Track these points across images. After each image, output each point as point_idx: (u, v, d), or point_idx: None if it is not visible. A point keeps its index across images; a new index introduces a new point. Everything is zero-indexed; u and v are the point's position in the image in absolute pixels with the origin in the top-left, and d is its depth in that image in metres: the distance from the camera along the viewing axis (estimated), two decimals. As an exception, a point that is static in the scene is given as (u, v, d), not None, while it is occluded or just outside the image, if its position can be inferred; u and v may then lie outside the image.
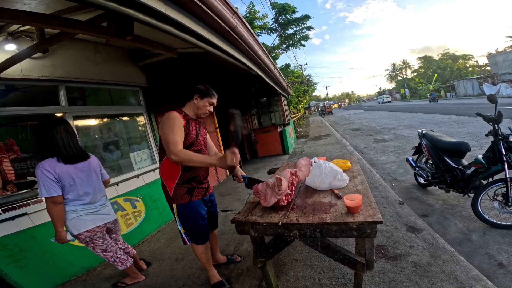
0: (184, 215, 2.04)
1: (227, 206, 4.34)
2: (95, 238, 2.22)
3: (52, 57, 2.88)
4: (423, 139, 3.69)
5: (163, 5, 1.76)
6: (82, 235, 2.15)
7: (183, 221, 2.06)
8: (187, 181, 2.00)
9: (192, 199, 2.02)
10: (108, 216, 2.35)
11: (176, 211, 2.04)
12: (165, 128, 1.83)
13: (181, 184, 1.98)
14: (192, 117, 2.05)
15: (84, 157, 2.20)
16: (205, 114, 2.08)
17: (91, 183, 2.19)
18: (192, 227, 2.08)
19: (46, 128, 2.03)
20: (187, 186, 2.00)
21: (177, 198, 2.00)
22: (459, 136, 7.16)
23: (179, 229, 2.10)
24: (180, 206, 2.01)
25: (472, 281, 1.83)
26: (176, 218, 2.07)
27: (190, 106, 2.05)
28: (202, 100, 2.01)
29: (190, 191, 2.02)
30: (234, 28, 2.68)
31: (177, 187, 1.98)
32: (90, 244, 2.23)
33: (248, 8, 13.65)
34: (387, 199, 3.48)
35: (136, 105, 4.18)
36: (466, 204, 3.14)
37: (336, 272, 2.16)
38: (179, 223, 2.08)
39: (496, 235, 2.54)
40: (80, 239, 2.19)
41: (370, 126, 13.94)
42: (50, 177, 1.94)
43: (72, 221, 2.11)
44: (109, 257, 2.31)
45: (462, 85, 30.73)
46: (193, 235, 2.11)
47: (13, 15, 1.67)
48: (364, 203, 1.59)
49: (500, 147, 2.62)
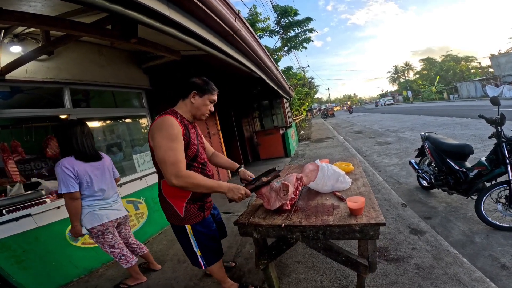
0: (203, 234, 1.79)
1: (229, 208, 4.34)
2: (106, 232, 2.29)
3: (57, 59, 2.92)
4: (425, 142, 3.68)
5: (167, 8, 1.78)
6: (95, 229, 2.23)
7: (202, 241, 1.79)
8: (199, 198, 1.75)
9: (205, 215, 1.81)
10: (120, 211, 2.45)
11: (192, 232, 1.75)
12: (160, 139, 1.49)
13: (192, 203, 1.72)
14: (189, 119, 1.73)
15: (98, 157, 2.31)
16: (205, 116, 1.77)
17: (105, 180, 2.32)
18: (211, 244, 1.85)
19: (64, 128, 2.18)
20: (198, 203, 1.75)
21: (190, 218, 1.72)
22: (462, 138, 7.13)
23: (195, 251, 1.81)
24: (196, 225, 1.75)
25: (475, 283, 1.82)
26: (192, 240, 1.78)
27: (185, 105, 1.71)
28: (201, 97, 1.69)
29: (202, 208, 1.78)
30: (237, 30, 2.70)
31: (188, 206, 1.70)
32: (101, 238, 2.29)
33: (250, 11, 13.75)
34: (389, 201, 3.47)
35: (139, 107, 4.21)
36: (469, 207, 3.13)
37: (338, 274, 2.15)
38: (195, 245, 1.79)
39: (500, 237, 2.53)
40: (92, 234, 2.26)
41: (372, 129, 13.90)
42: (69, 174, 2.04)
43: (87, 215, 2.19)
44: (116, 254, 2.36)
45: (465, 87, 30.61)
46: (210, 254, 1.87)
47: (20, 18, 1.70)
48: (366, 205, 1.59)
49: (503, 149, 2.61)
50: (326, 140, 11.39)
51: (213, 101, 1.76)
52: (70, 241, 2.76)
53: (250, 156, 9.22)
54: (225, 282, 2.09)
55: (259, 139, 9.09)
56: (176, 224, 1.77)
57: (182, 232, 1.78)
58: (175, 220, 1.75)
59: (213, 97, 1.74)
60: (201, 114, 1.75)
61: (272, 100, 9.67)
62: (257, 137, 9.19)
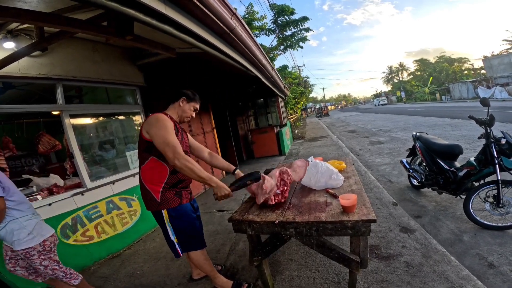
0: (178, 220, 1.88)
1: (223, 206, 4.35)
2: (54, 244, 2.03)
3: (50, 56, 2.88)
4: (417, 142, 3.74)
5: (163, 6, 1.79)
6: (48, 240, 1.96)
7: (177, 227, 1.90)
8: (174, 184, 1.88)
9: (182, 201, 1.90)
10: None
11: (167, 217, 1.87)
12: (158, 130, 1.72)
13: (168, 188, 1.85)
14: (176, 120, 2.00)
15: None
16: (188, 119, 2.07)
17: None
18: (188, 231, 1.94)
19: None
20: (174, 189, 1.88)
21: (166, 203, 1.84)
22: (453, 138, 7.26)
23: (171, 239, 1.92)
24: (171, 210, 1.86)
25: (462, 281, 1.87)
26: (168, 226, 1.89)
27: (174, 108, 2.01)
28: (188, 103, 2.01)
29: (179, 194, 1.90)
30: (233, 29, 2.71)
31: (164, 191, 1.84)
32: (53, 251, 2.00)
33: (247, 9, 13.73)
34: (381, 200, 3.53)
35: (133, 104, 4.19)
36: (458, 206, 3.20)
37: (330, 271, 2.19)
38: (171, 231, 1.90)
39: (487, 236, 2.59)
40: (45, 247, 1.94)
41: (366, 128, 14.04)
42: None
43: (37, 226, 1.91)
44: (65, 269, 2.06)
45: (457, 88, 31.07)
46: (190, 241, 1.97)
47: (15, 14, 1.68)
48: (358, 203, 1.63)
49: (492, 149, 2.67)
50: (320, 139, 11.47)
51: (196, 109, 2.10)
52: (62, 238, 2.74)
53: (245, 154, 9.24)
54: (215, 277, 2.13)
55: (253, 137, 9.11)
56: (153, 210, 1.89)
57: (160, 218, 1.90)
58: (152, 206, 1.87)
59: (196, 106, 2.09)
60: (186, 116, 2.05)
61: (267, 99, 9.69)
62: (251, 135, 9.20)
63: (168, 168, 1.84)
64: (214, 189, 1.76)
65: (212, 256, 2.71)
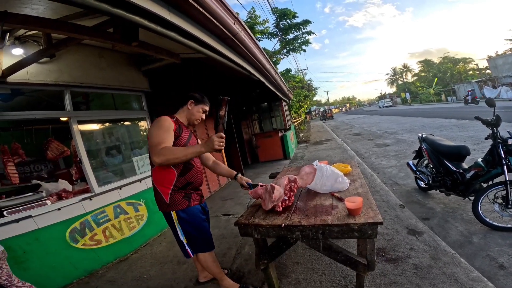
0: (187, 221, 1.91)
1: (228, 210, 4.36)
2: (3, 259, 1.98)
3: (58, 62, 2.94)
4: (423, 143, 3.71)
5: (168, 12, 1.82)
6: None
7: (186, 228, 1.93)
8: (183, 186, 1.90)
9: (191, 204, 1.93)
10: None
11: (177, 218, 1.90)
12: (151, 131, 1.78)
13: (177, 190, 1.88)
14: (184, 123, 2.01)
15: None
16: (198, 121, 2.06)
17: None
18: (196, 233, 1.96)
19: None
20: (183, 191, 1.91)
21: (174, 204, 1.88)
22: (460, 140, 7.18)
23: (181, 240, 1.96)
24: (180, 212, 1.89)
25: (473, 283, 1.84)
26: (177, 227, 1.92)
27: (183, 111, 2.03)
28: (196, 106, 2.02)
29: (187, 197, 1.93)
30: (236, 34, 2.73)
31: (173, 193, 1.87)
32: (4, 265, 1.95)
33: (249, 14, 13.81)
34: (388, 202, 3.50)
35: (138, 110, 4.23)
36: (467, 207, 3.15)
37: (337, 274, 2.17)
38: (180, 232, 1.94)
39: (497, 237, 2.55)
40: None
41: (371, 131, 13.95)
42: None
43: None
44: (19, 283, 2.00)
45: (463, 89, 30.71)
46: (198, 242, 1.99)
47: (23, 20, 1.73)
48: (364, 205, 1.62)
49: (499, 150, 2.64)
50: (325, 142, 11.43)
51: (205, 111, 2.08)
52: (70, 242, 2.77)
53: (249, 158, 9.25)
54: (222, 280, 2.14)
55: (258, 141, 9.12)
56: (164, 211, 1.94)
57: (169, 219, 1.93)
58: (162, 207, 1.92)
59: (205, 107, 2.07)
60: (195, 119, 2.04)
61: (271, 103, 9.72)
62: (256, 139, 9.21)
63: (175, 171, 1.86)
64: (207, 150, 1.64)
65: (218, 259, 2.69)
